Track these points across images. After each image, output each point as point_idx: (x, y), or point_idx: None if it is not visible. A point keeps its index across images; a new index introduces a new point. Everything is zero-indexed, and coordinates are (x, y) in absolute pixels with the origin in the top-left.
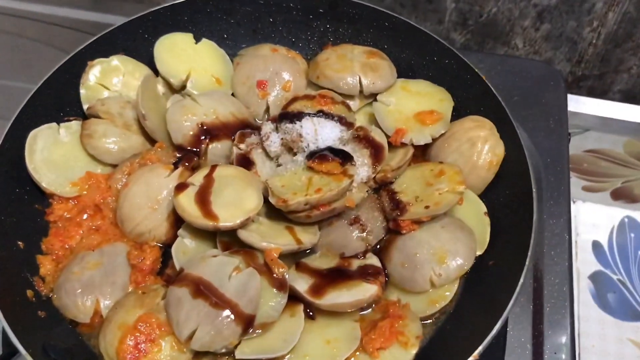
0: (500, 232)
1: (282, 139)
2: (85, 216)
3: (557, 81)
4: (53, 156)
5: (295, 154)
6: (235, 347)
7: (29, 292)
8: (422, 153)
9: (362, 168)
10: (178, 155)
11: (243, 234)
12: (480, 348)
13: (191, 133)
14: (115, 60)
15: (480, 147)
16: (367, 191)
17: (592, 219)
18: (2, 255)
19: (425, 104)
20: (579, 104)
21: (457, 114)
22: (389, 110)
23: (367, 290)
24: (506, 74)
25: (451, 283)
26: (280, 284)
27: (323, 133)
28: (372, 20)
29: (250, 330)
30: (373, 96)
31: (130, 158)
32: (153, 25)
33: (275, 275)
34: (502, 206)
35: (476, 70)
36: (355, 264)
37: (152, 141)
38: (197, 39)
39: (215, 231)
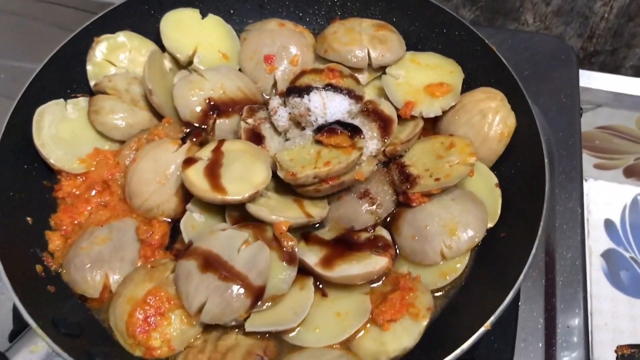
0: (512, 204)
1: (290, 113)
2: (93, 192)
3: (569, 56)
4: (61, 132)
5: (303, 129)
6: (245, 320)
7: (39, 267)
8: (432, 126)
9: (371, 141)
10: (186, 130)
11: (252, 208)
12: (492, 318)
13: (199, 109)
14: (122, 37)
15: (492, 118)
16: (376, 164)
17: (604, 197)
18: (12, 230)
19: (434, 76)
20: (591, 80)
21: (468, 86)
22: (398, 83)
23: (377, 262)
24: (517, 49)
25: (462, 255)
26: (290, 257)
27: (331, 106)
28: None
29: (260, 303)
30: (382, 69)
31: (138, 134)
32: (158, 1)
33: (284, 248)
34: (514, 178)
35: (487, 41)
36: (365, 237)
37: (159, 117)
38: (204, 15)
39: (224, 205)
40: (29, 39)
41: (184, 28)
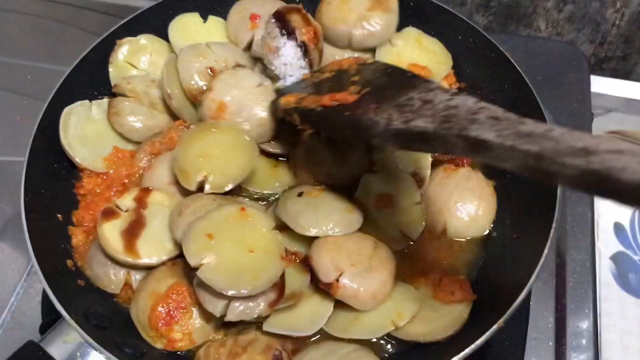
0: (524, 206)
1: (262, 37)
2: (112, 192)
3: (580, 62)
4: (86, 132)
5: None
6: (264, 319)
7: (69, 262)
8: None
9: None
10: None
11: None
12: (505, 316)
13: (198, 77)
14: (143, 39)
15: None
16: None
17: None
18: (44, 226)
19: (424, 59)
20: (602, 85)
21: (481, 93)
22: (390, 50)
23: None
24: (529, 55)
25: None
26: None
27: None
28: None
29: (282, 300)
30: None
31: (151, 137)
32: (182, 6)
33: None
34: (527, 181)
35: (500, 48)
36: None
37: (177, 119)
38: (204, 18)
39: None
40: (55, 41)
41: (190, 33)
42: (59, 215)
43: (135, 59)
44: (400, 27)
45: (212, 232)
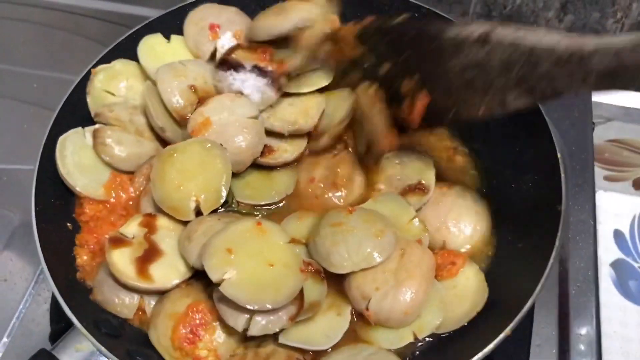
0: (529, 217)
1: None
2: (115, 217)
3: None
4: (83, 160)
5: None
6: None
7: (79, 274)
8: None
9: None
10: None
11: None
12: (511, 324)
13: (181, 96)
14: (118, 65)
15: None
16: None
17: (614, 208)
18: (54, 236)
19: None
20: (602, 94)
21: None
22: None
23: None
24: None
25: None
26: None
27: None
28: (400, 10)
29: (302, 312)
30: None
31: (149, 160)
32: (147, 27)
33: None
34: (531, 191)
35: None
36: None
37: (166, 145)
38: (167, 37)
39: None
40: (60, 49)
41: (158, 54)
42: (69, 224)
43: (113, 86)
44: None
45: (231, 246)
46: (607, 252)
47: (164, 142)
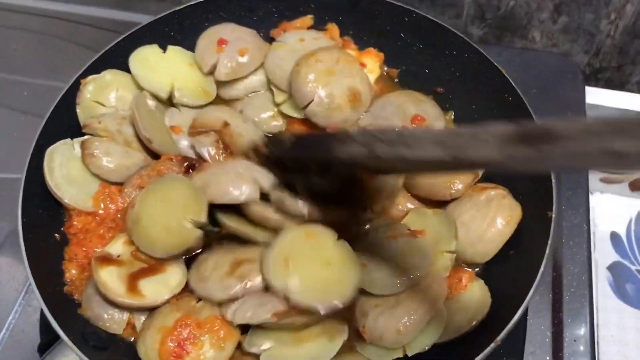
0: (521, 222)
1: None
2: (104, 229)
3: (575, 73)
4: (71, 171)
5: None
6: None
7: (67, 288)
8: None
9: None
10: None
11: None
12: (502, 334)
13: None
14: (108, 75)
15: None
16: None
17: (610, 211)
18: (41, 247)
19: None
20: (597, 96)
21: (477, 107)
22: None
23: None
24: (524, 67)
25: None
26: None
27: None
28: (392, 16)
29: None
30: None
31: (138, 170)
32: (178, 23)
33: None
34: (522, 196)
35: (496, 64)
36: None
37: (154, 155)
38: (164, 48)
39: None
40: (53, 57)
41: (152, 66)
42: (57, 235)
43: (103, 97)
44: (393, 39)
45: (287, 256)
46: (604, 255)
47: (152, 153)
